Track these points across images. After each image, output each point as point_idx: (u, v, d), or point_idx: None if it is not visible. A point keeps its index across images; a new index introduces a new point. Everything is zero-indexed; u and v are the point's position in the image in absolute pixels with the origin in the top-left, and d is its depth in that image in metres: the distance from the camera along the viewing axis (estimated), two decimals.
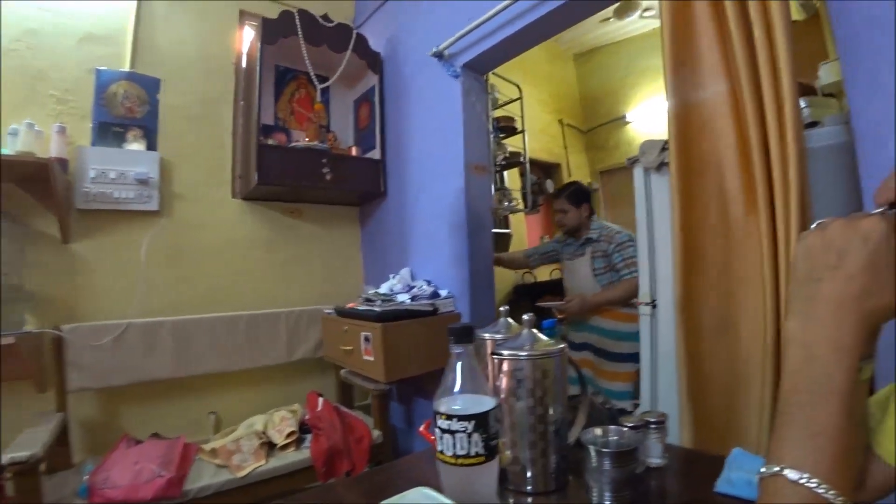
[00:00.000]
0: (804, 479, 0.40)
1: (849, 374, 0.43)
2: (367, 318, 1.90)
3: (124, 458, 1.68)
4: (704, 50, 1.36)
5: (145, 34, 2.20)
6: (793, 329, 0.47)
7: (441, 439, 0.66)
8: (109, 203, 2.04)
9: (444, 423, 0.65)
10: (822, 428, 0.42)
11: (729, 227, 1.33)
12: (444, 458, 0.66)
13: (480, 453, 0.65)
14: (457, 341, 0.69)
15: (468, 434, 0.64)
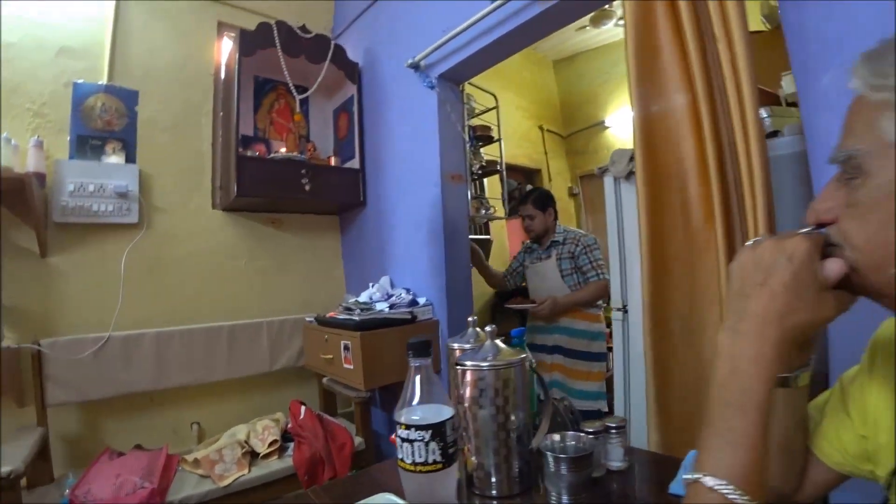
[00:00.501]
0: (719, 486, 0.44)
1: (767, 387, 0.47)
2: (347, 327, 1.94)
3: (106, 471, 1.69)
4: (667, 64, 1.41)
5: (123, 46, 2.21)
6: (721, 342, 0.51)
7: (401, 447, 0.70)
8: (88, 216, 2.05)
9: (404, 432, 0.69)
10: (739, 438, 0.46)
11: (692, 235, 1.38)
12: (404, 465, 0.70)
13: (438, 461, 0.69)
14: (415, 355, 0.73)
15: (426, 443, 0.68)
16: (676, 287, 1.40)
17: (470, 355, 0.91)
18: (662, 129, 1.43)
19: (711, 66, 1.30)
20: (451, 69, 2.15)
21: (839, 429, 0.61)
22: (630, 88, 1.44)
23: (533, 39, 2.01)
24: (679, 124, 1.39)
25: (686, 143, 1.37)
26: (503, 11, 1.82)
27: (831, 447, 0.62)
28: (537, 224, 2.47)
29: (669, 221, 1.41)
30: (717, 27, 1.26)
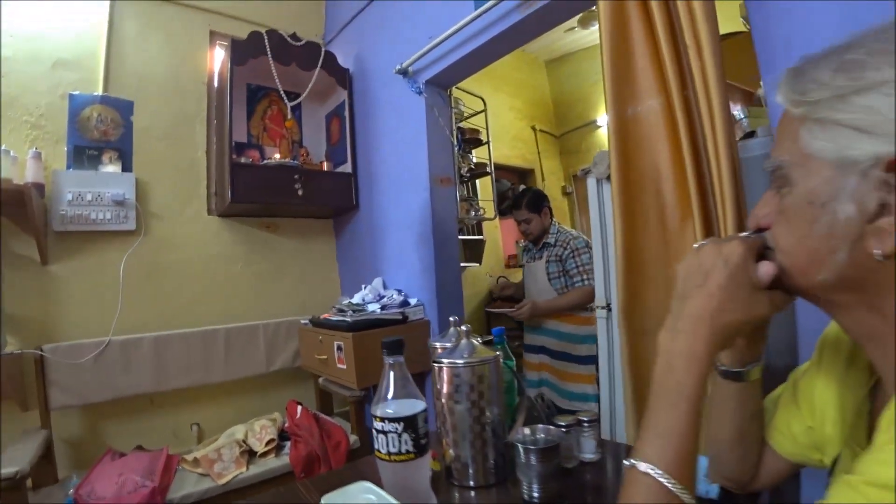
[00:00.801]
0: (650, 470, 0.48)
1: (698, 382, 0.50)
2: (340, 328, 1.99)
3: (108, 471, 1.74)
4: (641, 68, 1.46)
5: (117, 57, 2.26)
6: (660, 340, 0.55)
7: (377, 439, 0.76)
8: (87, 224, 2.10)
9: (379, 424, 0.75)
10: (670, 429, 0.50)
11: (667, 235, 1.43)
12: (380, 455, 0.76)
13: (410, 451, 0.74)
14: (389, 353, 0.78)
15: (399, 434, 0.74)
16: (651, 287, 1.44)
17: (447, 353, 0.97)
18: (637, 132, 1.47)
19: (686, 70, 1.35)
20: (438, 74, 2.20)
21: (790, 420, 0.66)
22: (605, 92, 1.49)
23: (516, 45, 2.05)
24: (653, 127, 1.43)
25: (661, 145, 1.41)
26: (486, 18, 1.86)
27: (783, 437, 0.66)
28: (534, 227, 2.46)
29: (643, 222, 1.45)
30: (687, 33, 1.30)
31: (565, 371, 2.34)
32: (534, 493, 0.85)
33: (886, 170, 0.40)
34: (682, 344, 0.52)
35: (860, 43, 0.44)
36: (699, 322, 0.51)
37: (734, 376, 0.65)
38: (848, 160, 0.42)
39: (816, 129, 0.45)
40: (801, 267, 0.48)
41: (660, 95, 1.41)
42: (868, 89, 0.41)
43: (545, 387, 2.43)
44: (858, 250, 0.43)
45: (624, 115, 1.48)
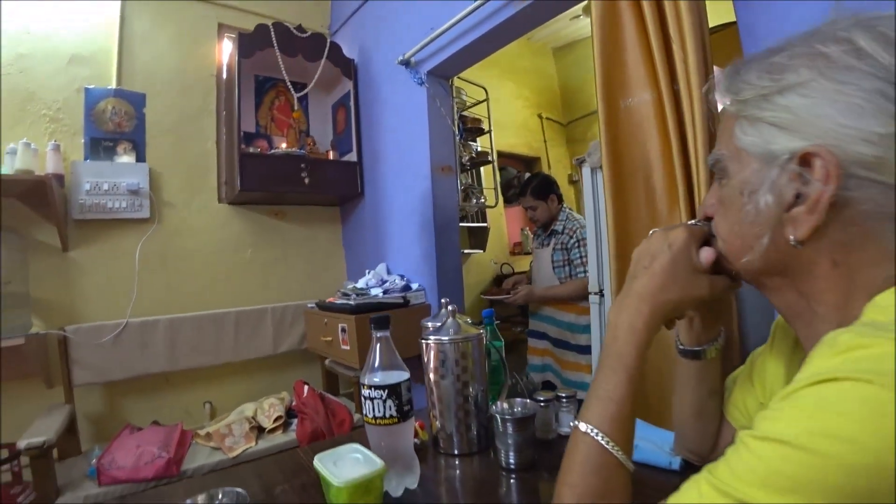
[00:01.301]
0: (589, 430, 0.52)
1: (637, 352, 0.55)
2: (344, 311, 2.08)
3: (127, 443, 1.86)
4: (631, 61, 1.50)
5: (129, 52, 2.35)
6: (610, 314, 0.60)
7: (365, 405, 0.84)
8: (104, 213, 2.21)
9: (366, 391, 0.83)
10: (610, 395, 0.54)
11: (656, 224, 1.48)
12: (367, 419, 0.84)
13: (394, 416, 0.82)
14: (377, 328, 0.86)
15: (383, 400, 0.82)
16: None
17: (434, 331, 1.04)
18: (628, 124, 1.51)
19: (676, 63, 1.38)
20: (440, 65, 2.24)
21: (745, 396, 0.71)
22: (596, 85, 1.54)
23: (515, 35, 2.08)
24: (644, 120, 1.47)
25: (651, 137, 1.45)
26: (485, 9, 1.90)
27: (738, 412, 0.72)
28: (540, 214, 2.46)
29: (634, 211, 1.50)
30: (672, 27, 1.34)
31: (566, 360, 2.35)
32: (510, 460, 0.93)
33: (800, 163, 0.44)
34: (625, 318, 0.56)
35: (786, 46, 0.48)
36: (641, 299, 0.56)
37: (693, 355, 0.71)
38: (770, 154, 0.47)
39: (746, 125, 0.49)
40: (735, 251, 0.53)
41: (650, 89, 1.45)
42: (787, 90, 0.46)
43: (549, 372, 2.45)
44: (779, 236, 0.48)
45: (616, 108, 1.52)
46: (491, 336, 1.22)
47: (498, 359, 1.23)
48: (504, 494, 0.87)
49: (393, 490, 0.84)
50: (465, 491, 0.89)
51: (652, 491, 0.77)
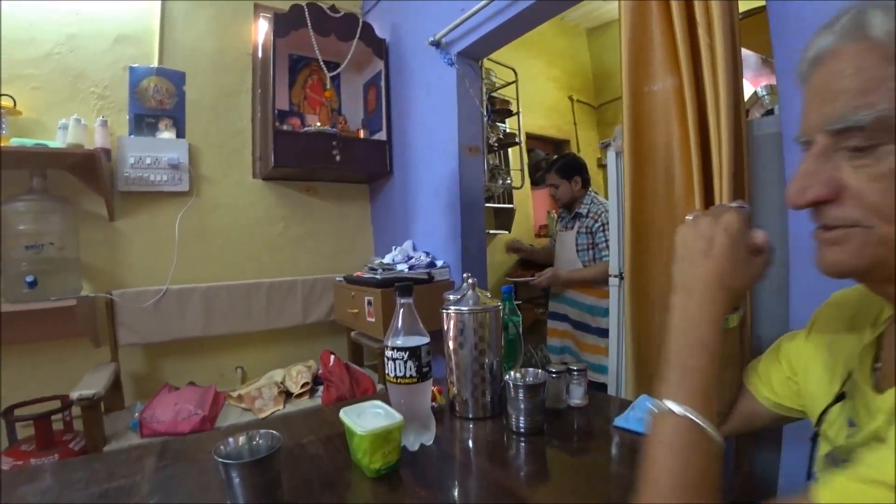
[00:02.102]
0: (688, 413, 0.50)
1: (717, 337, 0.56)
2: (370, 285, 2.16)
3: (166, 401, 2.00)
4: (657, 47, 1.49)
5: (170, 32, 2.45)
6: (676, 300, 0.59)
7: (387, 365, 0.91)
8: (147, 185, 2.34)
9: (389, 352, 0.90)
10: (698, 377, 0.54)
11: (673, 210, 1.49)
12: (389, 378, 0.91)
13: (413, 376, 0.89)
14: (401, 295, 0.93)
15: (404, 361, 0.89)
16: (656, 257, 1.52)
17: (454, 302, 1.10)
18: (649, 110, 1.51)
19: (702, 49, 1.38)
20: (469, 46, 2.26)
21: (770, 370, 0.75)
22: (621, 70, 1.54)
23: (548, 16, 2.07)
24: (666, 105, 1.48)
25: (671, 123, 1.46)
26: None
27: (761, 383, 0.75)
28: (562, 192, 2.49)
29: (653, 193, 1.52)
30: (700, 12, 1.34)
31: (585, 342, 2.38)
32: (521, 424, 0.99)
33: None
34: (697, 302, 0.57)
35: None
36: (714, 286, 0.56)
37: None
38: None
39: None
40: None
41: (674, 75, 1.45)
42: None
43: (567, 354, 2.48)
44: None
45: (640, 93, 1.53)
46: (509, 311, 1.27)
47: (515, 333, 1.28)
48: (513, 456, 0.93)
49: (410, 445, 0.91)
50: (476, 450, 0.96)
51: None
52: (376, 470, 0.80)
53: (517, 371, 1.05)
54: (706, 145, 1.39)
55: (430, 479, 0.82)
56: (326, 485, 0.79)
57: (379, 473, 0.80)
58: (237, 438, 0.75)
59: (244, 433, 0.76)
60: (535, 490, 0.77)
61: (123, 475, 0.84)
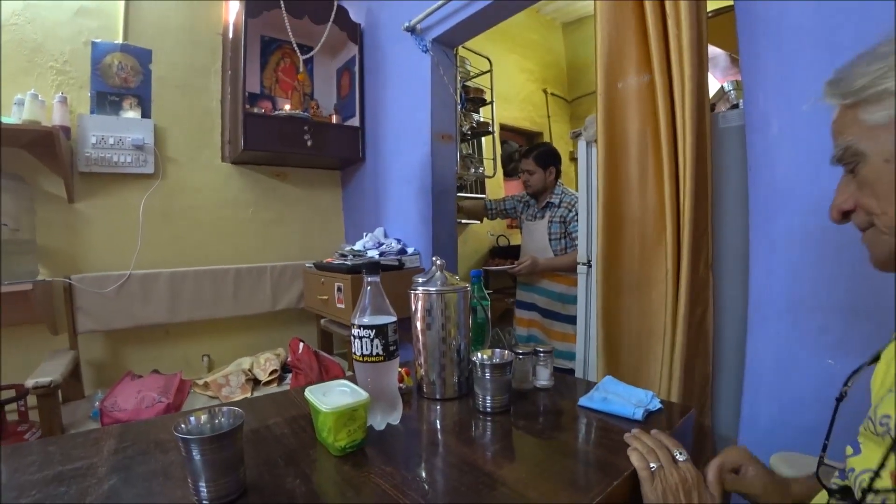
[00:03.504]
0: None
1: None
2: (340, 271, 2.15)
3: (129, 389, 1.95)
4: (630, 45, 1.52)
5: (136, 7, 2.36)
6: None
7: (354, 343, 0.90)
8: (109, 167, 2.26)
9: (356, 331, 0.90)
10: None
11: (644, 200, 1.52)
12: (356, 357, 0.91)
13: (380, 354, 0.89)
14: (368, 273, 0.92)
15: (371, 339, 0.88)
16: (627, 243, 1.55)
17: (422, 283, 1.10)
18: (623, 104, 1.54)
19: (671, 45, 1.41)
20: (445, 33, 2.25)
21: None
22: (596, 64, 1.56)
23: (523, 6, 2.09)
24: (638, 100, 1.51)
25: (644, 116, 1.49)
26: None
27: None
28: (535, 180, 2.48)
29: (625, 182, 1.55)
30: (669, 8, 1.37)
31: (553, 330, 2.42)
32: (487, 403, 1.00)
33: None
34: None
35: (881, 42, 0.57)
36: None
37: None
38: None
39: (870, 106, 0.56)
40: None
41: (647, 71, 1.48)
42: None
43: (533, 342, 2.52)
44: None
45: (613, 88, 1.55)
46: (478, 295, 1.28)
47: (483, 316, 1.29)
48: (479, 434, 0.94)
49: (377, 424, 0.91)
50: (443, 428, 0.97)
51: (617, 435, 0.85)
52: (341, 448, 0.80)
53: (484, 352, 1.06)
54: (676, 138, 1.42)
55: (396, 457, 0.82)
56: (291, 463, 0.79)
57: (344, 451, 0.80)
58: (199, 416, 0.74)
59: (206, 410, 0.75)
60: (501, 466, 0.78)
61: (80, 458, 0.82)
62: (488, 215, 2.89)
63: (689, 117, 1.33)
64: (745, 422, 1.31)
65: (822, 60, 1.13)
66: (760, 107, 1.30)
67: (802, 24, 1.18)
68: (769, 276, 1.25)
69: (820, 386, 1.13)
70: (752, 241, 1.30)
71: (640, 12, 1.47)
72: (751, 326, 1.30)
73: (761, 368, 1.26)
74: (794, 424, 1.19)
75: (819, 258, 1.14)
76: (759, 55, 1.29)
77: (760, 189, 1.27)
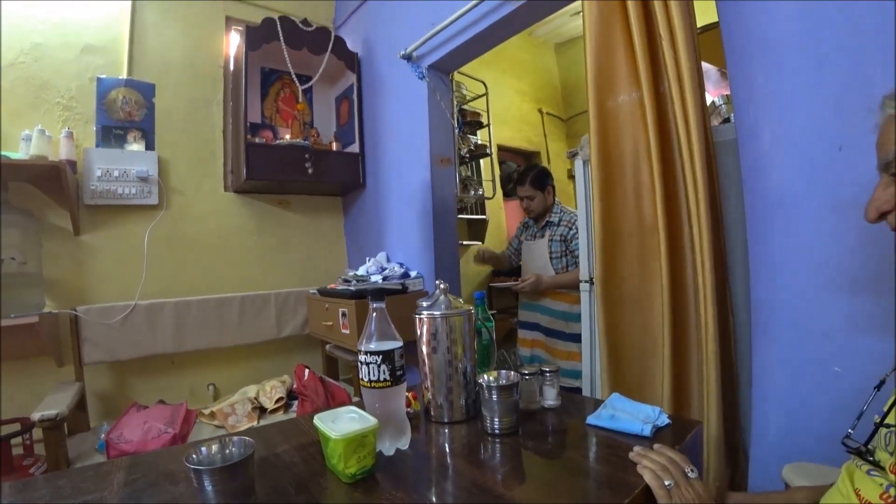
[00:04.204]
0: None
1: None
2: (344, 297, 2.16)
3: (135, 420, 1.94)
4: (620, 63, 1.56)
5: (140, 43, 2.42)
6: None
7: (361, 369, 0.91)
8: (114, 199, 2.29)
9: (363, 357, 0.90)
10: None
11: (640, 215, 1.54)
12: (364, 383, 0.92)
13: (387, 379, 0.90)
14: (373, 300, 0.94)
15: (378, 365, 0.89)
16: (626, 261, 1.56)
17: (427, 307, 1.11)
18: (615, 122, 1.58)
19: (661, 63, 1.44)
20: (440, 60, 2.31)
21: None
22: (587, 84, 1.60)
23: (515, 31, 2.14)
24: (630, 117, 1.54)
25: (636, 133, 1.52)
26: (485, 6, 1.97)
27: None
28: (536, 204, 2.50)
29: (622, 199, 1.57)
30: (662, 26, 1.40)
31: (557, 349, 2.41)
32: (495, 425, 1.00)
33: None
34: None
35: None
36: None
37: None
38: None
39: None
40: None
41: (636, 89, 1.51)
42: None
43: (537, 363, 2.51)
44: None
45: (605, 106, 1.59)
46: (482, 316, 1.29)
47: (488, 338, 1.30)
48: (489, 456, 0.94)
49: (386, 450, 0.91)
50: (452, 451, 0.96)
51: (626, 452, 0.85)
52: (351, 475, 0.80)
53: (490, 374, 1.06)
54: (668, 153, 1.45)
55: (406, 482, 0.82)
56: (301, 490, 0.79)
57: (354, 478, 0.80)
58: (210, 446, 0.75)
59: (217, 440, 0.75)
60: (511, 488, 0.78)
61: (90, 491, 0.82)
62: (513, 262, 2.85)
63: (694, 134, 1.33)
64: (755, 433, 1.30)
65: (807, 71, 1.16)
66: (751, 119, 1.33)
67: (786, 37, 1.22)
68: (770, 287, 1.26)
69: (828, 394, 1.13)
70: (751, 252, 1.31)
71: (628, 32, 1.51)
72: (755, 337, 1.30)
73: (769, 379, 1.27)
74: (805, 434, 1.18)
75: (819, 266, 1.15)
76: (746, 69, 1.32)
77: (755, 200, 1.29)
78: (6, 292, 1.84)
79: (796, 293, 1.20)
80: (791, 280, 1.21)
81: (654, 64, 1.46)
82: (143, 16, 2.44)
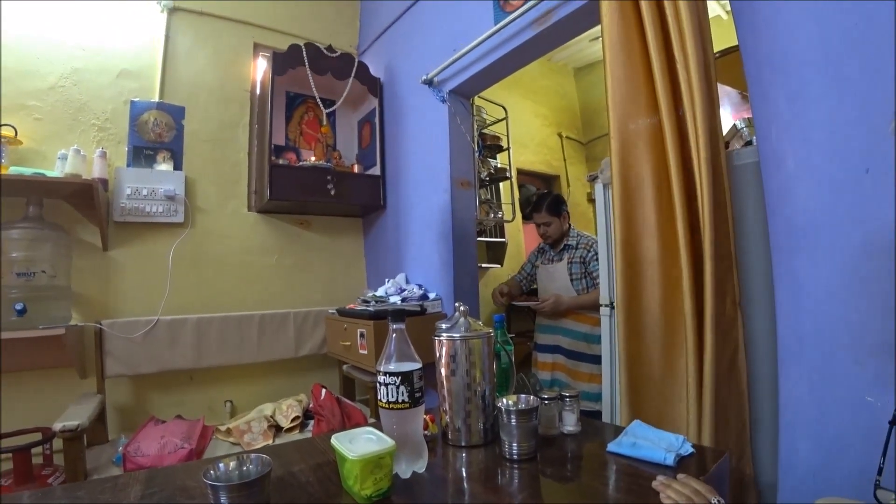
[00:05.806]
0: None
1: None
2: (363, 317, 2.16)
3: (152, 434, 1.95)
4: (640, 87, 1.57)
5: (171, 68, 2.53)
6: None
7: (380, 390, 0.91)
8: (142, 216, 2.36)
9: (381, 378, 0.90)
10: None
11: (661, 240, 1.52)
12: (381, 404, 0.91)
13: (406, 401, 0.89)
14: (393, 320, 0.94)
15: (396, 386, 0.89)
16: (647, 285, 1.54)
17: (445, 329, 1.11)
18: (635, 145, 1.57)
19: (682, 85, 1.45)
20: (461, 85, 2.35)
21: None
22: (607, 108, 1.61)
23: (535, 56, 2.17)
24: (650, 140, 1.54)
25: (655, 156, 1.52)
26: (506, 32, 2.01)
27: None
28: (553, 230, 2.54)
29: (642, 226, 1.56)
30: (677, 50, 1.41)
31: (580, 371, 2.39)
32: (513, 450, 0.98)
33: None
34: None
35: None
36: None
37: None
38: None
39: None
40: None
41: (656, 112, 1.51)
42: None
43: (557, 387, 2.45)
44: None
45: (626, 130, 1.59)
46: (501, 339, 1.28)
47: (507, 361, 1.29)
48: (506, 482, 0.92)
49: (402, 472, 0.90)
50: (469, 476, 0.95)
51: (647, 481, 0.83)
52: (367, 497, 0.79)
53: (509, 398, 1.05)
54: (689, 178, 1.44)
55: None
56: None
57: (370, 500, 0.79)
58: (227, 463, 0.75)
59: (234, 457, 0.76)
60: None
61: (108, 503, 0.82)
62: (523, 288, 2.88)
63: (703, 157, 1.34)
64: (783, 466, 1.25)
65: (830, 93, 1.15)
66: (774, 143, 1.31)
67: (808, 59, 1.21)
68: (797, 314, 1.23)
69: (860, 424, 1.08)
70: (775, 279, 1.28)
71: (647, 56, 1.52)
72: (782, 366, 1.26)
73: (797, 409, 1.22)
74: (837, 467, 1.13)
75: (847, 292, 1.12)
76: (767, 92, 1.31)
77: (780, 226, 1.27)
78: (36, 304, 1.89)
79: (823, 321, 1.17)
80: (818, 305, 1.18)
81: (673, 87, 1.46)
82: (176, 42, 2.54)
